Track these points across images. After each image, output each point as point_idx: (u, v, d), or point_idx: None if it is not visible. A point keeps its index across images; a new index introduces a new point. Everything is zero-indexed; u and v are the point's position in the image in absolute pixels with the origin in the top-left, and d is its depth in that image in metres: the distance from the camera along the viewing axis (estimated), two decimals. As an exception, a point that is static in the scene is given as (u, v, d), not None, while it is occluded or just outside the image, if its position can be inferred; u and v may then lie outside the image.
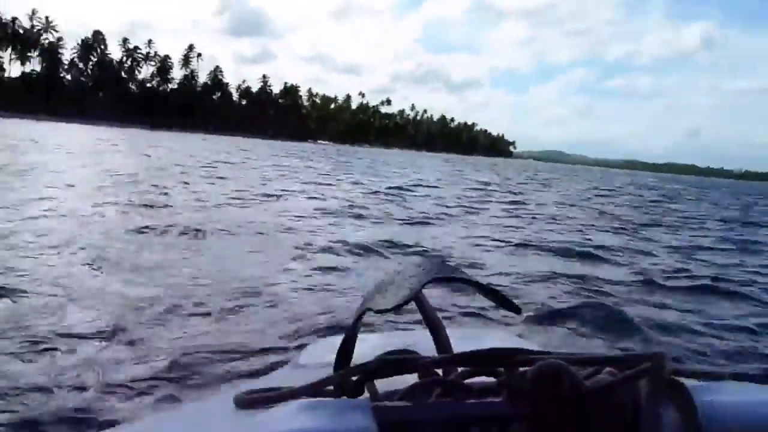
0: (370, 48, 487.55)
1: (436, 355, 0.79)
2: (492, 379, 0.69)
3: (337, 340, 0.80)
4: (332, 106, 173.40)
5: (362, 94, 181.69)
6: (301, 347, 1.55)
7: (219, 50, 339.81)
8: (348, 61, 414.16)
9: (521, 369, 0.67)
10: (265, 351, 3.93)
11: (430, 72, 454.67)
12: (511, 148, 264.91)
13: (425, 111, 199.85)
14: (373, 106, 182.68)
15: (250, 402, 0.71)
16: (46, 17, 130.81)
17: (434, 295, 4.85)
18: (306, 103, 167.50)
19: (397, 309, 0.66)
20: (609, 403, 0.65)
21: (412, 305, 0.76)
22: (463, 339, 1.01)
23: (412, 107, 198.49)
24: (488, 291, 0.73)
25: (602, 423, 0.65)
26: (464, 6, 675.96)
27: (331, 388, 0.68)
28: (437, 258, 7.46)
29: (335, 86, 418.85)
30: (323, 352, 1.04)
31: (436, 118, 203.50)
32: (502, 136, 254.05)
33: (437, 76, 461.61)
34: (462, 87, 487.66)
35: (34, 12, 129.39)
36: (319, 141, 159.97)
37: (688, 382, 0.66)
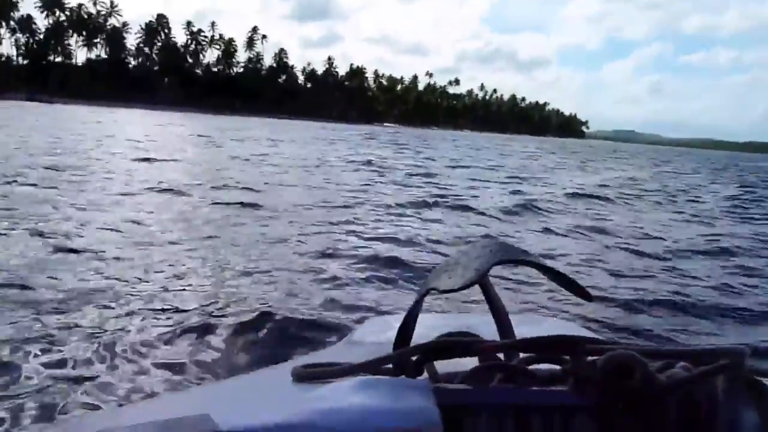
0: (436, 28, 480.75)
1: (499, 340, 0.75)
2: (557, 368, 0.66)
3: (392, 318, 0.78)
4: (399, 87, 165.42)
5: (429, 74, 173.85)
6: (359, 322, 1.43)
7: (284, 35, 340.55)
8: (414, 42, 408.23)
9: (589, 358, 0.63)
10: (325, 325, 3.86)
11: (497, 51, 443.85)
12: (584, 128, 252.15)
13: (494, 91, 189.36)
14: (441, 87, 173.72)
15: (308, 376, 0.70)
16: (111, 2, 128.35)
17: (497, 282, 2.64)
18: (372, 85, 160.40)
19: (463, 289, 0.65)
20: (683, 400, 0.61)
21: (475, 288, 0.71)
22: (526, 325, 0.99)
23: (481, 87, 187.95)
24: (557, 275, 0.70)
25: (676, 421, 0.61)
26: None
27: (390, 366, 0.67)
28: (504, 240, 5.89)
29: (401, 67, 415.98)
30: (378, 330, 1.01)
31: (506, 98, 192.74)
32: (575, 115, 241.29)
33: (504, 55, 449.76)
34: (530, 66, 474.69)
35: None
36: (385, 123, 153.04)
37: None
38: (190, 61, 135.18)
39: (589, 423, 0.63)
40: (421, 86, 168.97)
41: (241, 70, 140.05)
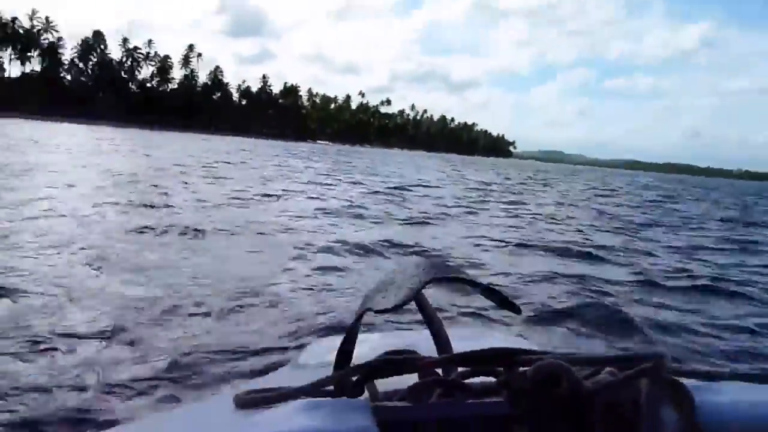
0: (370, 48, 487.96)
1: (437, 355, 0.79)
2: (492, 380, 0.69)
3: (337, 340, 0.79)
4: (332, 106, 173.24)
5: (362, 94, 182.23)
6: (301, 347, 1.52)
7: (219, 50, 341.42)
8: (347, 61, 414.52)
9: (521, 369, 0.66)
10: (265, 351, 3.93)
11: (429, 72, 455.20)
12: (511, 148, 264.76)
13: (425, 111, 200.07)
14: (374, 106, 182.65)
15: (249, 402, 0.71)
16: (46, 17, 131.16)
17: (433, 296, 4.73)
18: (306, 103, 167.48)
19: (398, 309, 0.66)
20: (609, 404, 0.65)
21: (412, 305, 0.75)
22: (463, 339, 1.01)
23: (412, 107, 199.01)
24: (488, 291, 0.73)
25: (602, 423, 0.65)
26: (464, 6, 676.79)
27: (331, 388, 0.68)
28: (437, 258, 7.49)
29: (335, 86, 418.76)
30: (323, 352, 1.03)
31: (436, 118, 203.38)
32: (502, 136, 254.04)
33: (437, 76, 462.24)
34: (462, 87, 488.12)
35: (34, 12, 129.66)
36: (318, 141, 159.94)
37: (688, 382, 0.66)
38: (125, 76, 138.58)
39: (524, 431, 0.65)
40: (354, 105, 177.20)
41: (176, 86, 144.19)
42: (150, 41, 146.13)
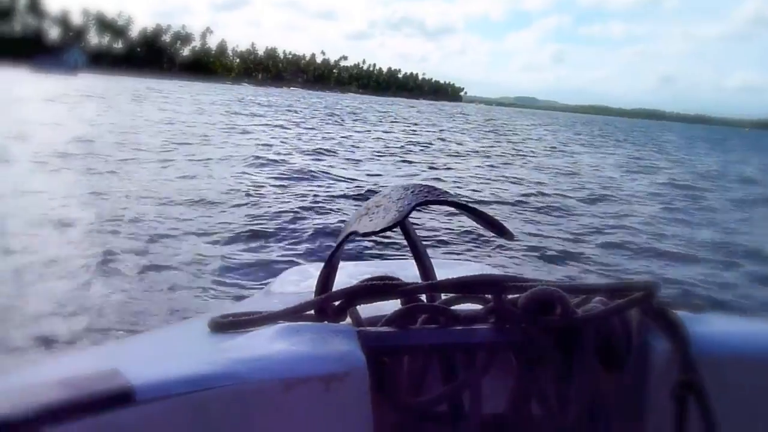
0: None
1: (421, 281, 0.77)
2: (479, 307, 0.70)
3: (311, 267, 0.83)
4: (302, 62, 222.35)
5: (323, 53, 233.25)
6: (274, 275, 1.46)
7: None
8: (325, 9, 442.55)
9: (510, 297, 0.67)
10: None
11: (404, 18, 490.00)
12: (461, 94, 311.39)
13: (374, 65, 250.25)
14: (335, 61, 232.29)
15: (226, 325, 0.69)
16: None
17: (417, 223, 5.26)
18: (282, 58, 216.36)
19: (386, 231, 0.66)
20: (601, 331, 0.66)
21: (396, 232, 0.73)
22: (446, 268, 0.98)
23: (363, 61, 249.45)
24: (479, 215, 0.73)
25: (593, 351, 0.66)
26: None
27: (312, 312, 0.69)
28: (424, 182, 27.60)
29: (313, 31, 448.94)
30: (297, 280, 1.04)
31: (384, 71, 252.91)
32: (451, 83, 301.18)
33: (411, 23, 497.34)
34: (437, 33, 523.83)
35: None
36: (292, 87, 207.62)
37: (678, 313, 0.68)
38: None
39: (511, 358, 0.67)
40: (319, 60, 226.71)
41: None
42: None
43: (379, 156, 14.04)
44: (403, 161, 13.24)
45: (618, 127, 77.72)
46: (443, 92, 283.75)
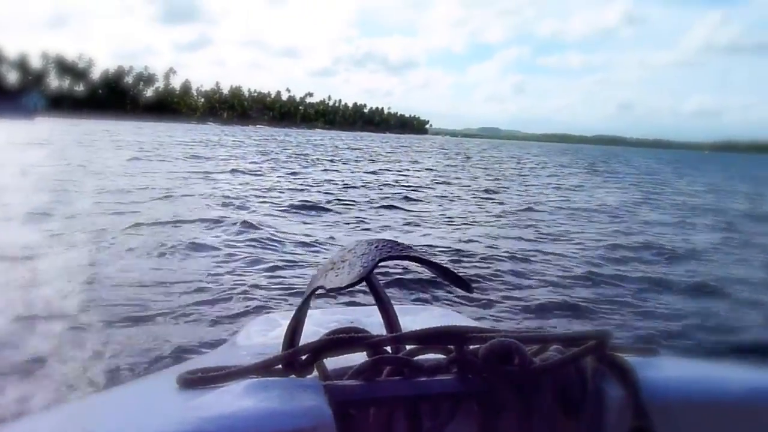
0: (309, 32, 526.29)
1: (386, 333, 0.78)
2: (442, 357, 0.71)
3: (278, 316, 0.83)
4: (267, 100, 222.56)
5: (288, 90, 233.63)
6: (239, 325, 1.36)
7: (154, 38, 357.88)
8: (287, 46, 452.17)
9: (472, 347, 0.69)
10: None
11: (368, 54, 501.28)
12: (427, 127, 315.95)
13: (340, 101, 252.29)
14: (300, 98, 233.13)
15: (194, 381, 0.68)
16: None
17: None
18: (248, 96, 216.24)
19: (352, 287, 0.67)
20: (557, 379, 0.69)
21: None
22: (409, 316, 1.02)
23: (329, 98, 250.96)
24: (440, 269, 0.75)
25: (551, 398, 0.69)
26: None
27: (280, 367, 0.68)
28: (388, 238, 20.99)
29: (277, 69, 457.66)
30: (264, 329, 1.03)
31: (350, 105, 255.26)
32: (416, 116, 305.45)
33: (375, 58, 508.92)
34: (401, 68, 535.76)
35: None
36: (258, 125, 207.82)
37: (629, 359, 0.70)
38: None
39: (474, 407, 0.68)
40: (284, 98, 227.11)
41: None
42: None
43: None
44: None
45: (589, 155, 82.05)
46: (409, 125, 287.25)
